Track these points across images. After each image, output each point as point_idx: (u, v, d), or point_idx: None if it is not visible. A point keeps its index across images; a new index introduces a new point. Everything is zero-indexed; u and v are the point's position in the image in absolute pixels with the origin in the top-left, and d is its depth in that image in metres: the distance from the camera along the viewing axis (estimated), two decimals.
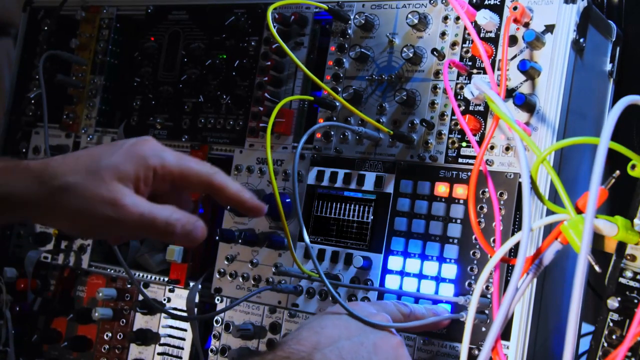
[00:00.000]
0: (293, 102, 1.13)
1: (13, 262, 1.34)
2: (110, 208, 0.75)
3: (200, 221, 0.81)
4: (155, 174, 0.80)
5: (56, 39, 1.38)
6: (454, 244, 0.97)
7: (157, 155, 0.80)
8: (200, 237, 0.81)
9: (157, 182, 0.80)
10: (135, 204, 0.76)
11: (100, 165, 0.76)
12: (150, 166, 0.79)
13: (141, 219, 0.76)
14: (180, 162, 0.82)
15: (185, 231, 0.79)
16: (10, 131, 1.41)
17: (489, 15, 0.97)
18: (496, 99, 0.85)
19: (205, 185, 0.84)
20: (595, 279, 1.04)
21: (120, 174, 0.76)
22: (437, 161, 1.00)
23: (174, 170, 0.81)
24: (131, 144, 0.80)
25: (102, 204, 0.74)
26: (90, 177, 0.75)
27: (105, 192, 0.75)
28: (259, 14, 1.18)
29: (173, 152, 0.82)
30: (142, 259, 1.26)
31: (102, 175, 0.75)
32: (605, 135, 0.70)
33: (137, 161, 0.78)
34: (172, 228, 0.78)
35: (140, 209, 0.76)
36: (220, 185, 0.84)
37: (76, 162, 0.77)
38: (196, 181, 0.83)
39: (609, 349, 0.83)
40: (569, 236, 0.76)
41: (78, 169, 0.76)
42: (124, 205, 0.75)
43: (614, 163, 0.80)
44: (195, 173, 0.83)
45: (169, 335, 1.19)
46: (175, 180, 0.82)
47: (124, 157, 0.78)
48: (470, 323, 0.79)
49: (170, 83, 1.25)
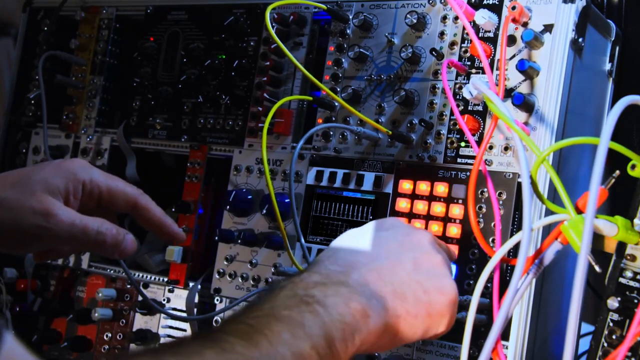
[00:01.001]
0: (292, 102, 1.13)
1: (13, 263, 1.34)
2: (42, 218, 0.77)
3: (130, 234, 0.84)
4: (84, 188, 0.83)
5: (56, 39, 1.38)
6: (453, 244, 0.97)
7: (86, 170, 0.84)
8: (130, 249, 0.85)
9: (85, 196, 0.84)
10: (66, 214, 0.79)
11: (31, 180, 0.79)
12: (80, 179, 0.82)
13: (72, 228, 0.78)
14: (108, 180, 0.86)
15: (116, 241, 0.83)
16: (10, 131, 1.41)
17: (487, 15, 0.96)
18: (495, 98, 0.85)
19: (130, 204, 0.88)
20: (595, 279, 1.04)
21: (50, 187, 0.79)
22: (436, 161, 1.00)
23: (101, 185, 0.85)
24: (60, 161, 0.85)
25: (33, 215, 0.77)
26: (20, 190, 0.78)
27: (37, 204, 0.77)
28: (258, 14, 1.18)
29: (101, 171, 0.87)
30: (142, 259, 1.26)
31: (32, 189, 0.78)
32: (605, 135, 0.70)
33: (66, 175, 0.82)
34: (103, 237, 0.81)
35: (72, 218, 0.79)
36: (144, 206, 0.88)
37: (5, 179, 0.80)
38: (122, 199, 0.87)
39: (609, 349, 0.83)
40: (569, 236, 0.75)
41: (7, 185, 0.78)
42: (56, 215, 0.78)
43: (614, 163, 0.80)
44: (122, 191, 0.87)
45: (169, 335, 1.19)
46: (102, 196, 0.85)
47: (54, 172, 0.81)
48: (470, 323, 0.79)
49: (170, 83, 1.25)
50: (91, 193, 0.84)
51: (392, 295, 0.76)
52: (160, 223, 0.91)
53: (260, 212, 1.09)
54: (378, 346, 0.76)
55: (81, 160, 0.86)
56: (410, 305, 0.76)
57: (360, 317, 0.71)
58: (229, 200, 1.12)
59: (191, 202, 1.18)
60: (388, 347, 0.79)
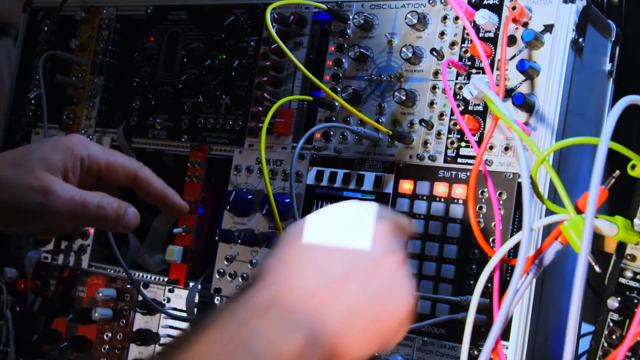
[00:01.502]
0: (292, 102, 1.13)
1: (13, 263, 1.34)
2: (40, 195, 0.76)
3: (132, 207, 0.82)
4: (82, 163, 0.82)
5: (56, 39, 1.38)
6: (453, 244, 0.97)
7: (83, 145, 0.83)
8: (132, 222, 0.83)
9: (84, 172, 0.82)
10: (65, 189, 0.78)
11: (29, 158, 0.79)
12: (77, 155, 0.81)
13: (72, 204, 0.78)
14: (106, 154, 0.85)
15: (117, 215, 0.81)
16: (10, 131, 1.41)
17: (487, 15, 0.96)
18: (495, 98, 0.85)
19: (130, 177, 0.86)
20: (595, 279, 1.04)
21: (49, 164, 0.79)
22: (436, 161, 1.00)
23: (100, 160, 0.83)
24: (57, 138, 0.83)
25: (32, 192, 0.76)
26: (18, 169, 0.77)
27: (35, 182, 0.77)
28: (258, 14, 1.18)
29: (99, 145, 0.85)
30: (142, 259, 1.26)
31: (30, 166, 0.78)
32: (605, 135, 0.70)
33: (64, 151, 0.81)
34: (104, 211, 0.80)
35: (71, 194, 0.78)
36: (145, 179, 0.87)
37: (3, 158, 0.79)
38: (122, 173, 0.85)
39: (609, 349, 0.83)
40: (569, 236, 0.75)
41: (5, 164, 0.78)
42: (55, 192, 0.77)
43: (614, 163, 0.80)
44: (121, 165, 0.85)
45: (169, 335, 1.19)
46: (101, 171, 0.84)
47: (51, 149, 0.80)
48: (470, 323, 0.79)
49: (170, 83, 1.25)
50: (90, 168, 0.83)
51: (337, 324, 0.64)
52: (163, 195, 0.88)
53: (261, 212, 1.09)
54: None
55: (79, 136, 0.85)
56: (358, 332, 0.65)
57: (298, 356, 0.60)
58: (229, 200, 1.12)
59: (191, 202, 1.18)
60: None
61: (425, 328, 0.97)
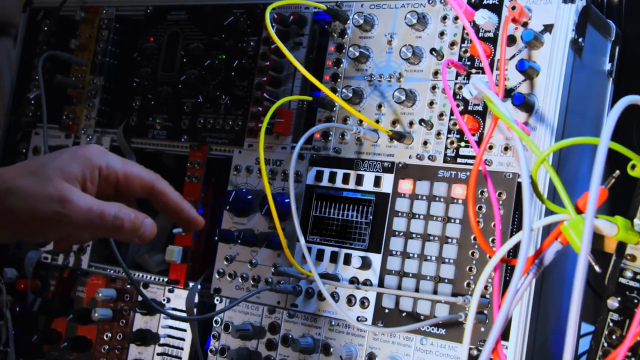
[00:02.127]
0: (292, 102, 1.13)
1: (13, 263, 1.34)
2: (58, 205, 0.77)
3: (149, 218, 0.83)
4: (100, 174, 0.82)
5: (56, 39, 1.38)
6: (452, 244, 0.97)
7: (102, 156, 0.84)
8: (149, 233, 0.83)
9: (102, 182, 0.83)
10: (83, 199, 0.78)
11: (47, 168, 0.79)
12: (95, 165, 0.82)
13: (89, 214, 0.78)
14: (124, 165, 0.85)
15: (134, 227, 0.81)
16: (10, 132, 1.41)
17: (487, 15, 0.96)
18: (495, 98, 0.85)
19: (147, 189, 0.87)
20: (595, 279, 1.04)
21: (67, 174, 0.79)
22: (435, 161, 1.00)
23: (118, 170, 0.84)
24: (76, 147, 0.84)
25: (50, 202, 0.76)
26: (37, 179, 0.78)
27: (53, 191, 0.77)
28: (258, 14, 1.18)
29: (117, 156, 0.86)
30: (142, 259, 1.26)
31: (49, 176, 0.78)
32: (605, 135, 0.70)
33: (83, 161, 0.81)
34: (120, 222, 0.80)
35: (89, 204, 0.78)
36: (162, 190, 0.87)
37: (23, 167, 0.80)
38: (139, 184, 0.86)
39: (609, 349, 0.83)
40: (569, 236, 0.75)
41: (24, 173, 0.78)
42: (72, 201, 0.77)
43: (614, 163, 0.80)
44: (138, 176, 0.86)
45: (169, 335, 1.19)
46: (119, 181, 0.84)
47: (70, 159, 0.81)
48: (470, 324, 0.79)
49: (170, 83, 1.25)
50: (108, 178, 0.84)
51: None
52: (179, 208, 0.89)
53: (260, 212, 1.09)
54: None
55: (97, 146, 0.85)
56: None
57: None
58: (228, 200, 1.12)
59: (191, 202, 1.18)
60: None
61: (425, 328, 0.97)
